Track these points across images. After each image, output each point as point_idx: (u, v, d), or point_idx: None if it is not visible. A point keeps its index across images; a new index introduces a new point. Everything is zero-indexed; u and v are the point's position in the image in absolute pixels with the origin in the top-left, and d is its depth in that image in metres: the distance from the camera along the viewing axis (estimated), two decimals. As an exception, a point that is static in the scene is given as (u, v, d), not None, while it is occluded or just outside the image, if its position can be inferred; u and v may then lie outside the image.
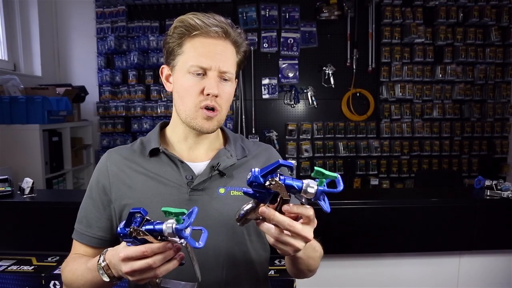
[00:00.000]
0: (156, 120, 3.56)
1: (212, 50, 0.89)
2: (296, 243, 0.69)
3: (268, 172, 0.67)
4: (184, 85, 0.90)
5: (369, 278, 1.72)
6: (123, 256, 0.71)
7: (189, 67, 0.89)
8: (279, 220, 0.67)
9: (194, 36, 0.89)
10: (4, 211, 1.61)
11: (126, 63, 3.50)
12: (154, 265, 0.69)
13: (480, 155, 3.63)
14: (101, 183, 0.95)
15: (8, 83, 2.79)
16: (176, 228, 0.67)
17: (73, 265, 0.92)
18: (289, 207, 0.68)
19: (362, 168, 3.61)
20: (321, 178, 0.66)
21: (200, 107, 0.90)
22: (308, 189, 0.66)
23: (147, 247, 0.69)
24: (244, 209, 0.72)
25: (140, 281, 0.72)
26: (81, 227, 0.96)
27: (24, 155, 2.63)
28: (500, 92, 3.54)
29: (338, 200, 1.61)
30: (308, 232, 0.69)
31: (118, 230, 0.71)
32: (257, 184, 0.67)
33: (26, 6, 3.27)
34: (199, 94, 0.89)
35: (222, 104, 0.92)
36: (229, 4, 3.48)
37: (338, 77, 3.50)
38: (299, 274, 0.96)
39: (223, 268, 0.92)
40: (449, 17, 3.40)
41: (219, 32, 0.89)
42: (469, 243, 1.64)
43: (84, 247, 0.96)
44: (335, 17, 3.44)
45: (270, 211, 0.67)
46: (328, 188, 0.67)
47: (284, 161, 0.67)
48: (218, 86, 0.89)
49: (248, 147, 1.04)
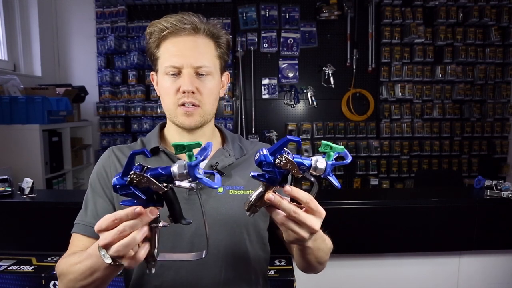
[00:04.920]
0: (156, 120, 3.56)
1: (181, 48, 0.91)
2: (301, 231, 0.68)
3: (276, 150, 0.65)
4: (163, 86, 0.94)
5: (369, 278, 1.72)
6: (97, 228, 0.64)
7: (165, 68, 0.92)
8: (285, 207, 0.67)
9: (165, 38, 0.92)
10: (4, 211, 1.61)
11: (126, 63, 3.50)
12: (124, 232, 0.62)
13: (480, 155, 3.63)
14: (104, 176, 0.96)
15: (8, 83, 2.79)
16: (189, 165, 0.59)
17: (70, 257, 0.86)
18: (290, 188, 0.66)
19: (362, 168, 3.61)
20: (329, 151, 0.66)
21: (178, 105, 0.92)
22: (318, 164, 0.65)
23: (116, 214, 0.62)
24: (253, 195, 0.69)
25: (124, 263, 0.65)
26: (85, 220, 0.93)
27: (24, 155, 2.62)
28: (500, 92, 3.54)
29: (338, 200, 1.61)
30: (314, 222, 0.68)
31: (114, 181, 0.62)
32: (266, 163, 0.64)
33: (26, 6, 3.27)
34: (176, 92, 0.91)
35: (204, 100, 0.93)
36: (229, 4, 3.48)
37: (338, 77, 3.50)
38: (308, 267, 0.93)
39: (222, 267, 0.92)
40: (449, 17, 3.40)
41: (187, 28, 0.91)
42: (469, 243, 1.64)
43: (86, 240, 0.92)
44: (335, 17, 3.44)
45: (276, 198, 0.66)
46: (336, 162, 0.66)
47: (292, 136, 0.65)
48: (193, 82, 0.91)
49: (246, 146, 1.05)
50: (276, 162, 0.64)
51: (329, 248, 0.92)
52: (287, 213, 0.67)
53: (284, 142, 0.64)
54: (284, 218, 0.68)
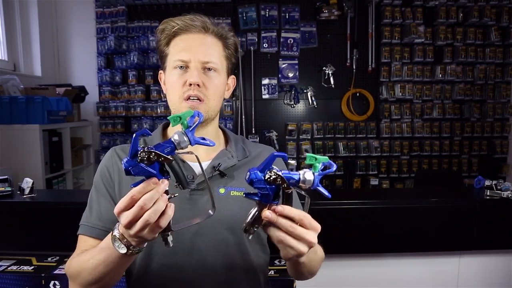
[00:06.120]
0: (156, 120, 3.56)
1: (191, 44, 0.93)
2: (299, 246, 0.69)
3: (265, 167, 0.67)
4: (171, 80, 0.95)
5: (369, 278, 1.72)
6: (116, 211, 0.67)
7: (173, 62, 0.94)
8: (282, 223, 0.67)
9: (176, 34, 0.94)
10: (4, 211, 1.61)
11: (126, 63, 3.50)
12: (145, 206, 0.64)
13: (480, 155, 3.63)
14: (107, 177, 0.96)
15: (8, 83, 2.79)
16: (187, 131, 0.66)
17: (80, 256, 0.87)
18: (282, 208, 0.67)
19: (362, 168, 3.61)
20: (314, 163, 0.67)
21: (184, 98, 0.92)
22: (306, 176, 0.67)
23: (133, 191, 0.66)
24: (249, 216, 0.70)
25: (147, 236, 0.68)
26: (91, 221, 0.94)
27: (24, 155, 2.62)
28: (500, 92, 3.54)
29: (338, 200, 1.62)
30: (311, 236, 0.69)
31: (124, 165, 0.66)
32: (257, 180, 0.67)
33: (26, 6, 3.27)
34: (183, 85, 0.92)
35: (209, 95, 0.94)
36: (229, 4, 3.48)
37: (338, 77, 3.50)
38: (299, 276, 0.96)
39: (222, 268, 0.92)
40: (449, 17, 3.40)
41: (197, 26, 0.93)
42: (469, 243, 1.64)
43: (92, 241, 0.93)
44: (335, 17, 3.44)
45: (272, 215, 0.67)
46: (323, 171, 0.68)
47: (278, 152, 0.69)
48: (200, 76, 0.92)
49: (249, 148, 1.05)
50: (266, 177, 0.66)
51: (321, 258, 0.94)
52: (284, 229, 0.68)
53: (271, 158, 0.67)
54: (282, 235, 0.68)
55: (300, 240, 0.68)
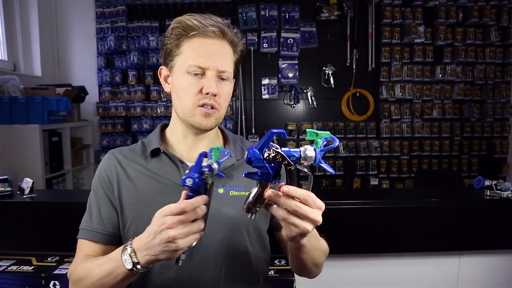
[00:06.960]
0: (156, 120, 3.55)
1: (210, 50, 0.90)
2: (304, 224, 0.68)
3: (263, 145, 0.66)
4: (183, 85, 0.91)
5: (369, 278, 1.72)
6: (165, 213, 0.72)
7: (188, 67, 0.90)
8: (286, 203, 0.67)
9: (192, 36, 0.90)
10: (4, 211, 1.61)
11: (126, 63, 3.50)
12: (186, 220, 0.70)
13: (480, 155, 3.63)
14: (105, 180, 0.96)
15: (8, 83, 2.79)
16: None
17: (87, 262, 0.88)
18: (287, 188, 0.66)
19: (362, 168, 3.61)
20: (316, 138, 0.67)
21: (198, 105, 0.91)
22: (307, 152, 0.66)
23: (186, 202, 0.70)
24: (250, 196, 0.69)
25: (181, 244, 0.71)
26: (91, 225, 0.94)
27: (24, 155, 2.62)
28: (500, 92, 3.54)
29: (338, 200, 1.62)
30: (315, 214, 0.68)
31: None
32: (256, 159, 0.66)
33: (26, 6, 3.27)
34: (198, 93, 0.90)
35: (221, 103, 0.94)
36: (229, 4, 3.48)
37: (338, 77, 3.50)
38: (304, 269, 0.93)
39: (222, 268, 0.92)
40: (449, 17, 3.40)
41: (216, 32, 0.90)
42: (469, 243, 1.64)
43: (94, 245, 0.94)
44: (335, 17, 3.44)
45: (275, 194, 0.67)
46: (325, 147, 0.67)
47: (277, 129, 0.68)
48: (216, 85, 0.90)
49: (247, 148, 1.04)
50: (265, 156, 0.65)
51: (325, 249, 0.93)
52: (288, 208, 0.67)
53: (269, 135, 0.66)
54: (285, 213, 0.68)
55: (304, 219, 0.68)
